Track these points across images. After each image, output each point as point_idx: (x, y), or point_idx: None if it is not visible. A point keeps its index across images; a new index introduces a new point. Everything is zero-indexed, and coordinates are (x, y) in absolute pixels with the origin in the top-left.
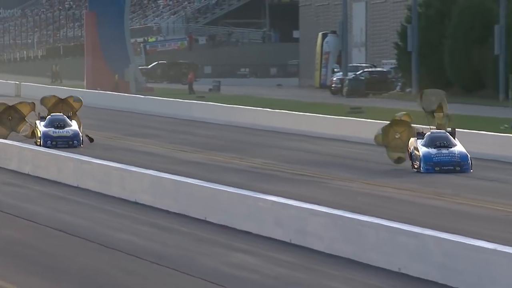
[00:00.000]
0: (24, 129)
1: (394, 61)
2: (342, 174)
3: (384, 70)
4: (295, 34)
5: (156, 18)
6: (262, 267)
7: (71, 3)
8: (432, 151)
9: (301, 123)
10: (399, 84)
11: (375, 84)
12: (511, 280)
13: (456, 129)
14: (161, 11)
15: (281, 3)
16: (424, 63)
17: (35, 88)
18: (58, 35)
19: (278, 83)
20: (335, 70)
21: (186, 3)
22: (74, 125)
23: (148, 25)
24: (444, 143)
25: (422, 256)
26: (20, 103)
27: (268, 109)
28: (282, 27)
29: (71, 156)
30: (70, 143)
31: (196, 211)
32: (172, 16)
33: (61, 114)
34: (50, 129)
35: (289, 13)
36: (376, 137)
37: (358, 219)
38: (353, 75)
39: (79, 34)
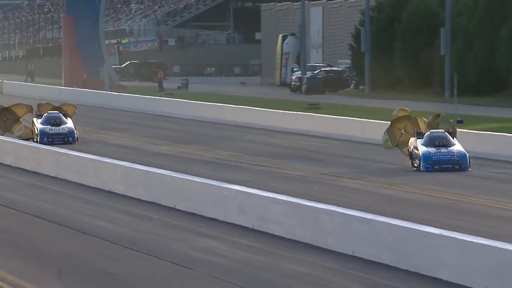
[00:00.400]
0: (19, 129)
1: (348, 61)
2: (300, 165)
3: (340, 69)
4: (257, 36)
5: (129, 21)
6: (227, 251)
7: (49, 7)
8: (432, 150)
9: (262, 118)
10: (353, 82)
11: (331, 82)
12: (456, 263)
13: (457, 129)
14: (133, 15)
15: (244, 7)
16: (376, 63)
17: (16, 86)
18: (37, 36)
19: (241, 81)
20: (294, 69)
21: (156, 7)
22: (69, 123)
23: (121, 27)
24: (443, 142)
25: (375, 241)
26: (16, 105)
27: (232, 105)
28: (245, 29)
29: (50, 148)
30: (66, 139)
31: (166, 199)
32: (143, 19)
33: (57, 112)
34: (46, 126)
35: (252, 16)
36: (384, 143)
37: (315, 207)
38: (311, 74)
39: (57, 36)
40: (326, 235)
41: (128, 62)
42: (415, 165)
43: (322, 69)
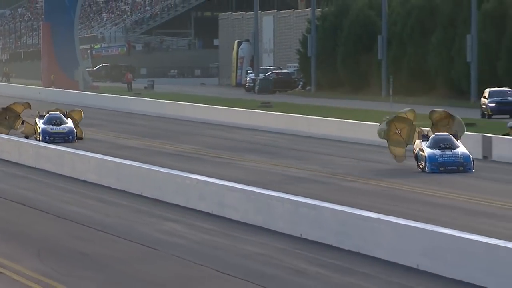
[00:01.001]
0: (21, 126)
1: (296, 64)
2: (254, 157)
3: (289, 71)
4: (215, 42)
5: (101, 29)
6: (188, 234)
7: (30, 15)
8: (437, 152)
9: (220, 115)
10: (301, 83)
11: (281, 83)
12: (391, 243)
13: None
14: (105, 23)
15: (204, 16)
16: (321, 66)
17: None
18: (19, 42)
19: (201, 82)
20: (248, 71)
21: (125, 16)
22: (69, 123)
23: (94, 34)
24: (447, 144)
25: (320, 224)
26: (14, 103)
27: (194, 104)
28: (204, 36)
29: (30, 142)
30: (66, 138)
31: (134, 187)
32: (114, 27)
33: (58, 112)
34: (48, 126)
35: (210, 24)
36: (379, 130)
37: (267, 194)
38: (263, 76)
39: (37, 42)
40: (277, 219)
41: (100, 65)
42: (421, 166)
43: (273, 71)
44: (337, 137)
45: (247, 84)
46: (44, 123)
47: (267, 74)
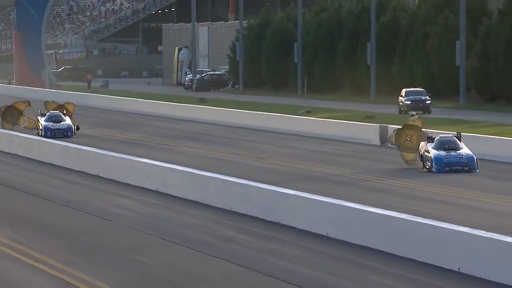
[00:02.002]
0: (23, 122)
1: (227, 67)
2: (192, 144)
3: (221, 73)
4: (159, 48)
5: (64, 37)
6: (137, 207)
7: (4, 26)
8: (442, 153)
9: (164, 109)
10: (231, 82)
11: (214, 83)
12: (306, 215)
13: (461, 134)
14: (67, 32)
15: (150, 27)
16: (247, 69)
17: None
18: None
19: (148, 81)
20: (187, 73)
21: (84, 26)
22: (68, 120)
23: (58, 41)
24: (452, 146)
25: (247, 199)
26: (17, 102)
27: (142, 99)
28: (150, 43)
29: (4, 131)
30: (65, 134)
31: (92, 169)
32: (74, 35)
33: (58, 111)
34: (49, 123)
35: (155, 33)
36: (389, 137)
37: (203, 174)
38: (200, 76)
39: (10, 47)
40: (211, 195)
41: (63, 67)
42: (427, 167)
43: (208, 73)
44: (261, 127)
45: (186, 83)
46: (45, 121)
47: (202, 75)
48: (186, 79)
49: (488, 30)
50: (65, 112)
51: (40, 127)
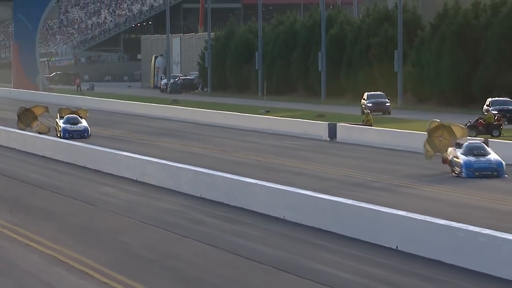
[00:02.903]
0: (36, 125)
1: (197, 72)
2: (167, 140)
3: (191, 77)
4: (139, 56)
5: (55, 46)
6: (119, 195)
7: (3, 37)
8: (471, 159)
9: (142, 109)
10: (200, 86)
11: (186, 86)
12: (265, 201)
13: (488, 140)
14: (58, 42)
15: (130, 38)
16: (215, 74)
17: None
18: None
19: (128, 85)
20: (162, 77)
21: (73, 37)
22: (84, 122)
23: (50, 50)
24: (481, 151)
25: (214, 187)
26: (35, 106)
27: (123, 101)
28: (131, 52)
29: (3, 128)
30: (82, 135)
31: (80, 161)
32: (64, 45)
33: (75, 114)
34: (67, 125)
35: (135, 43)
36: (425, 153)
37: (176, 166)
38: (173, 81)
39: (8, 56)
40: (183, 184)
41: (54, 73)
42: (456, 172)
43: (180, 77)
44: (227, 124)
45: (161, 86)
46: (64, 123)
47: (176, 79)
48: (162, 83)
49: (421, 41)
50: (81, 115)
51: (59, 129)
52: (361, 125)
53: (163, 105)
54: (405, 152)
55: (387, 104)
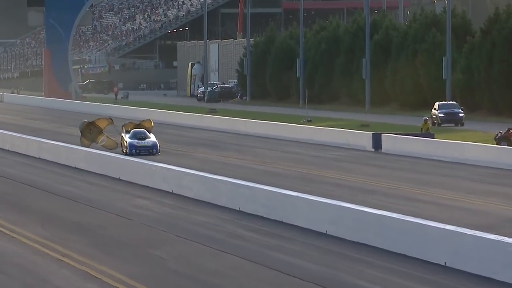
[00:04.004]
0: (102, 140)
1: (236, 80)
2: (204, 150)
3: (230, 86)
4: (175, 63)
5: (88, 53)
6: (154, 207)
7: (34, 43)
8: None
9: (178, 118)
10: (239, 94)
11: (224, 94)
12: (307, 215)
13: None
14: (91, 49)
15: (166, 44)
16: (254, 82)
17: (12, 96)
18: (26, 64)
19: (164, 93)
20: (199, 86)
21: (107, 44)
22: (152, 137)
23: (83, 57)
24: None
25: (254, 200)
26: (98, 119)
27: (158, 110)
28: (166, 59)
29: (34, 138)
30: (150, 151)
31: (113, 173)
32: (98, 52)
33: (143, 129)
34: (134, 140)
35: (171, 50)
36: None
37: (214, 178)
38: (211, 89)
39: (40, 63)
40: (221, 196)
41: (88, 80)
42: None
43: (218, 85)
44: (266, 134)
45: (198, 95)
46: (130, 138)
47: (213, 87)
48: (199, 91)
49: (471, 47)
50: (146, 127)
51: (125, 144)
52: (420, 135)
53: (200, 115)
54: (454, 164)
55: (460, 115)
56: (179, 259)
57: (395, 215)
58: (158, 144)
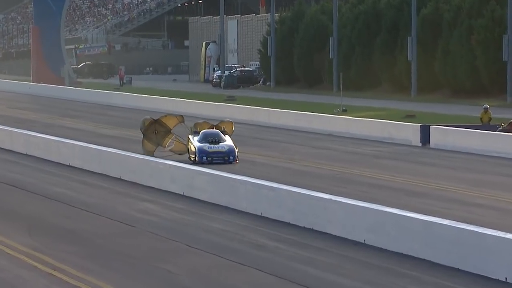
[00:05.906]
0: (169, 143)
1: (258, 62)
2: None
3: (251, 69)
4: (186, 43)
5: (84, 31)
6: (161, 212)
7: (20, 19)
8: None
9: (190, 108)
10: (262, 79)
11: (244, 79)
12: (341, 221)
13: None
14: (88, 26)
15: (176, 20)
16: (279, 65)
17: None
18: (11, 43)
19: (173, 78)
20: (215, 69)
21: (106, 19)
22: (228, 140)
23: (78, 36)
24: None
25: (278, 204)
26: (166, 116)
27: (166, 97)
28: (176, 37)
29: (21, 131)
30: (226, 158)
31: (114, 171)
32: (95, 29)
33: (215, 129)
34: (204, 144)
35: (182, 27)
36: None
37: (232, 177)
38: (228, 73)
39: (27, 43)
40: (240, 199)
41: (83, 63)
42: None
43: (237, 69)
44: (294, 127)
45: (214, 80)
46: (199, 141)
47: (232, 71)
48: (214, 75)
49: None
50: (224, 129)
51: (193, 149)
52: (480, 127)
53: (216, 103)
54: None
55: None
56: (191, 273)
57: (446, 222)
58: (237, 150)
